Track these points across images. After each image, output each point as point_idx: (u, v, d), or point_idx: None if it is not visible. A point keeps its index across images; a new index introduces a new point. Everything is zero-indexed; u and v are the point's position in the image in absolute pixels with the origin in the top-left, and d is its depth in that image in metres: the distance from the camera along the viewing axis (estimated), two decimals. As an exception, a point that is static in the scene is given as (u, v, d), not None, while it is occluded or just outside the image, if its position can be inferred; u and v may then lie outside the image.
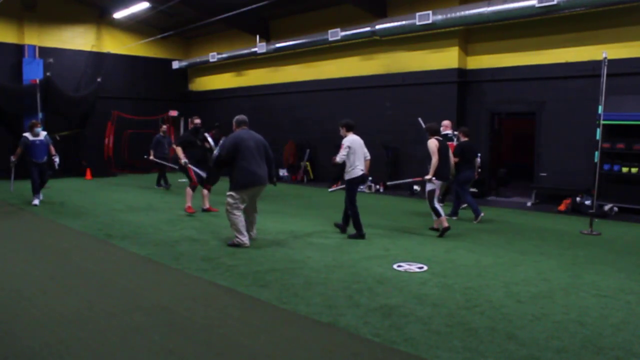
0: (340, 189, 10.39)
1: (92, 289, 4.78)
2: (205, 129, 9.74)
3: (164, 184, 12.88)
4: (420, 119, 10.07)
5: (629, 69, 9.46)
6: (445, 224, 7.21)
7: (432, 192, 7.35)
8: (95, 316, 4.06)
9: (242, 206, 6.46)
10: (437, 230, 7.41)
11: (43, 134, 9.89)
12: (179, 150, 8.90)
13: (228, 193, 6.40)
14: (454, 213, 8.78)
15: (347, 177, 7.03)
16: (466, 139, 8.85)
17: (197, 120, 9.46)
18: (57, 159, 10.09)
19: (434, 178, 7.31)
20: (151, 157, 12.83)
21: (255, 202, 6.74)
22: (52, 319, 3.98)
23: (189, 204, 8.95)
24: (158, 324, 3.92)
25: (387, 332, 3.74)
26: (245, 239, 6.42)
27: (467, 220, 8.63)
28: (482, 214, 8.45)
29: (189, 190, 9.03)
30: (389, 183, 9.83)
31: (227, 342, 3.60)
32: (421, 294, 4.64)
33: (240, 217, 6.41)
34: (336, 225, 7.56)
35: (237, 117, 6.69)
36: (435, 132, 7.60)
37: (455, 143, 8.97)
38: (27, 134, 9.77)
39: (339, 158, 6.89)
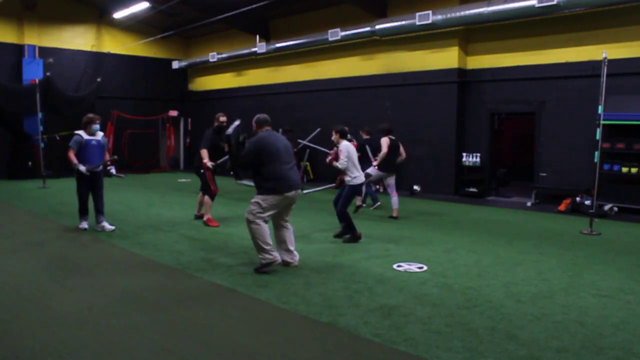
0: (317, 191, 10.46)
1: (92, 289, 4.78)
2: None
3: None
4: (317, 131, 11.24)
5: (629, 69, 9.45)
6: (358, 203, 9.08)
7: (368, 176, 8.27)
8: (95, 316, 4.06)
9: (268, 217, 5.35)
10: (395, 218, 8.70)
11: (100, 134, 7.63)
12: (205, 153, 7.89)
13: (254, 200, 5.32)
14: (374, 201, 9.77)
15: (352, 182, 6.93)
16: (368, 137, 9.97)
17: (223, 118, 8.15)
18: (113, 170, 8.04)
19: (376, 168, 8.72)
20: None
21: (287, 215, 5.60)
22: (52, 319, 3.98)
23: (209, 215, 8.01)
24: (158, 324, 3.92)
25: (387, 332, 3.74)
26: (274, 253, 5.31)
27: (467, 221, 8.62)
28: (380, 203, 9.68)
29: (207, 199, 8.03)
30: (304, 192, 10.29)
31: (227, 342, 3.60)
32: (421, 294, 4.64)
33: (264, 227, 5.29)
34: (338, 235, 7.11)
35: (259, 115, 5.66)
36: (388, 131, 8.95)
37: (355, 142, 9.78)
38: (81, 132, 7.41)
39: (341, 165, 6.83)
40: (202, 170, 8.05)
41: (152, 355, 3.37)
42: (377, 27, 12.18)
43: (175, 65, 18.59)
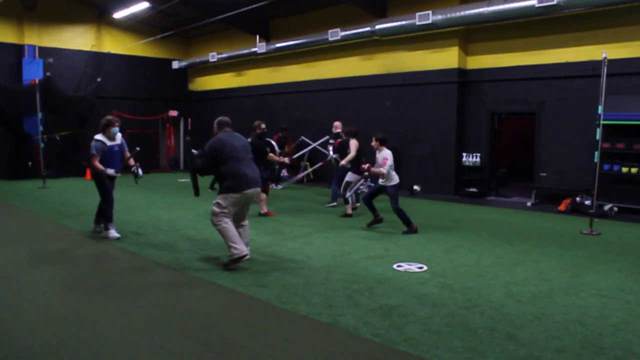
0: (296, 180, 10.45)
1: (92, 289, 4.78)
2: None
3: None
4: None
5: (629, 69, 9.45)
6: (349, 212, 8.95)
7: (348, 183, 9.13)
8: (95, 316, 4.06)
9: (230, 215, 5.54)
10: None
11: (119, 136, 7.08)
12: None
13: (215, 201, 5.54)
14: (357, 200, 9.72)
15: (392, 183, 7.56)
16: (347, 137, 9.90)
17: (263, 125, 8.81)
18: (140, 171, 7.26)
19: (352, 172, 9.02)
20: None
21: (245, 211, 5.80)
22: (52, 319, 3.98)
23: (265, 209, 8.90)
24: (158, 324, 3.92)
25: (387, 332, 3.74)
26: (241, 246, 5.44)
27: (467, 221, 8.62)
28: (335, 204, 9.88)
29: (263, 195, 8.75)
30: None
31: (227, 342, 3.60)
32: (421, 294, 4.64)
33: (230, 225, 5.48)
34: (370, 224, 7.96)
35: (220, 118, 5.86)
36: (356, 134, 9.19)
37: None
38: (101, 137, 6.82)
39: (385, 171, 7.45)
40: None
41: (152, 355, 3.37)
42: (377, 27, 12.18)
43: (175, 65, 18.59)
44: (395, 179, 7.56)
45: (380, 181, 7.57)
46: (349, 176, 9.15)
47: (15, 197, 10.96)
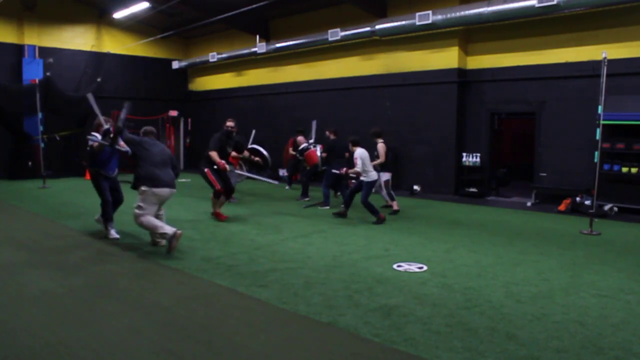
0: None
1: (92, 289, 4.78)
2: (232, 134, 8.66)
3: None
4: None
5: (629, 69, 9.45)
6: (396, 208, 9.34)
7: (387, 182, 9.61)
8: (95, 316, 4.06)
9: (150, 212, 6.22)
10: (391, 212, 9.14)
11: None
12: (215, 155, 8.15)
13: (135, 204, 6.26)
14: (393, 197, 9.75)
15: (367, 179, 8.36)
16: (334, 137, 10.34)
17: (230, 123, 8.55)
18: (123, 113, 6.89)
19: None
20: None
21: (160, 210, 6.60)
22: (52, 319, 3.98)
23: (217, 209, 8.50)
24: (158, 324, 3.92)
25: (387, 332, 3.74)
26: (167, 228, 6.06)
27: (467, 221, 8.62)
28: (328, 207, 9.80)
29: (212, 197, 8.52)
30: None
31: (227, 342, 3.60)
32: (421, 294, 4.64)
33: (149, 217, 6.17)
34: (337, 214, 8.74)
35: (145, 127, 6.85)
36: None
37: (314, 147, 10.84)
38: (96, 135, 6.91)
39: (358, 168, 8.35)
40: (205, 170, 8.39)
41: (152, 355, 3.37)
42: (377, 27, 12.18)
43: (175, 65, 18.58)
44: (371, 175, 8.36)
45: (362, 178, 8.41)
46: (385, 175, 9.59)
47: (15, 197, 10.95)
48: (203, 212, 9.17)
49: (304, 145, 11.24)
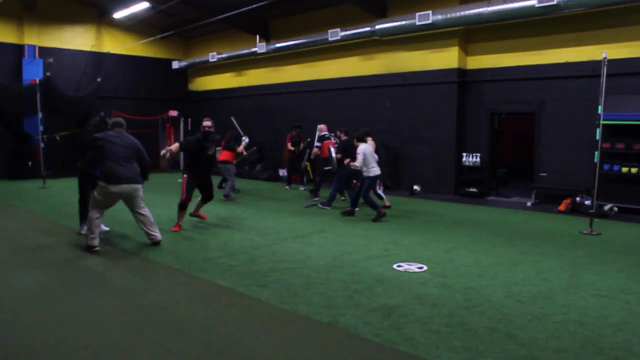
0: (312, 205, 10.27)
1: (91, 288, 4.78)
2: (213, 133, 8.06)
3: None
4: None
5: (629, 69, 9.45)
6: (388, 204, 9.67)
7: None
8: (95, 316, 4.06)
9: (102, 207, 6.23)
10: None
11: None
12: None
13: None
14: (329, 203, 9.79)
15: (369, 174, 8.52)
16: (346, 137, 9.92)
17: (206, 123, 7.79)
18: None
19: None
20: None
21: (136, 207, 6.38)
22: (52, 319, 3.98)
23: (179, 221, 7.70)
24: (158, 324, 3.92)
25: (387, 332, 3.74)
26: (96, 241, 6.12)
27: (467, 221, 8.62)
28: (329, 208, 9.62)
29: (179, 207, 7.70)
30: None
31: (227, 342, 3.60)
32: (421, 294, 4.64)
33: (95, 216, 6.15)
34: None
35: (114, 119, 6.66)
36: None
37: (335, 141, 10.62)
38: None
39: (358, 164, 8.40)
40: (183, 175, 7.97)
41: (152, 355, 3.37)
42: (377, 27, 12.18)
43: (175, 65, 18.58)
44: (372, 171, 8.52)
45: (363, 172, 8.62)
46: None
47: (15, 197, 10.95)
48: (203, 212, 9.16)
49: (324, 133, 10.96)
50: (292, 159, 13.10)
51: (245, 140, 11.15)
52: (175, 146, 7.54)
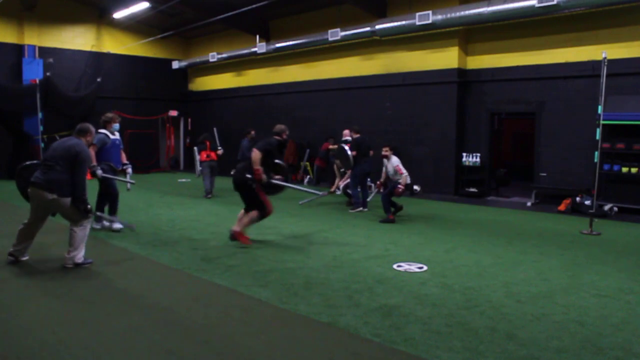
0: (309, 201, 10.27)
1: (91, 288, 4.78)
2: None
3: None
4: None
5: (629, 69, 9.46)
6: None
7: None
8: (95, 316, 4.06)
9: (30, 213, 5.53)
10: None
11: (117, 134, 7.58)
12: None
13: None
14: (364, 205, 9.70)
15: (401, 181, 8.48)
16: (358, 135, 9.90)
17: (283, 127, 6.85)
18: (130, 169, 7.78)
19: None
20: None
21: (39, 219, 5.57)
22: (52, 319, 3.98)
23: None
24: (158, 324, 3.92)
25: (387, 332, 3.74)
26: (14, 248, 5.58)
27: (467, 221, 8.62)
28: (362, 209, 9.51)
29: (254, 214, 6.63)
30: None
31: (227, 342, 3.60)
32: (421, 294, 4.64)
33: (22, 225, 5.61)
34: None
35: (79, 125, 5.94)
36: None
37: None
38: (104, 131, 7.29)
39: (407, 177, 8.59)
40: (253, 186, 6.53)
41: (152, 355, 3.36)
42: (377, 27, 12.18)
43: (175, 65, 18.59)
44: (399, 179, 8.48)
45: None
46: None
47: (15, 197, 10.93)
48: (203, 212, 9.17)
49: (347, 137, 10.59)
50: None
51: (220, 151, 11.66)
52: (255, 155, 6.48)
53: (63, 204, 5.27)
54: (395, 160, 8.53)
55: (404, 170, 8.45)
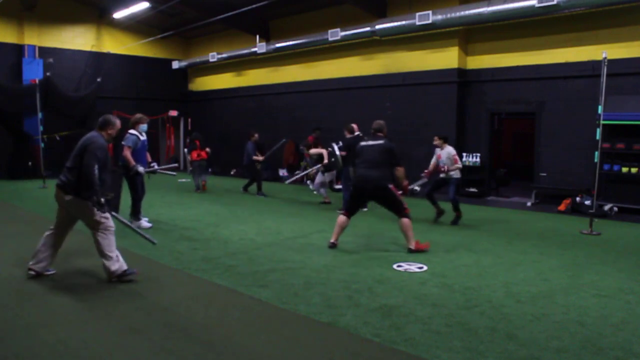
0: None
1: (91, 288, 4.78)
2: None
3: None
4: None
5: (629, 69, 9.46)
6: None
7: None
8: (95, 316, 4.06)
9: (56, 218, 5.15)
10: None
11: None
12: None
13: None
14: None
15: (456, 176, 8.45)
16: (351, 135, 9.43)
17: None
18: (156, 166, 8.13)
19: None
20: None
21: (64, 224, 5.20)
22: (52, 319, 3.98)
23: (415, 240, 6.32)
24: (158, 324, 3.92)
25: (387, 332, 3.74)
26: (32, 262, 5.03)
27: (467, 221, 8.62)
28: (364, 209, 9.08)
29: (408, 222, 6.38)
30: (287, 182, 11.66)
31: (227, 342, 3.60)
32: (421, 294, 4.64)
33: (45, 234, 5.19)
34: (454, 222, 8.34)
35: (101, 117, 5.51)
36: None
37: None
38: (134, 132, 7.40)
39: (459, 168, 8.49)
40: (389, 185, 6.49)
41: (152, 355, 3.36)
42: (377, 27, 12.19)
43: (175, 65, 18.60)
44: (455, 172, 8.41)
45: (442, 175, 8.49)
46: (329, 176, 10.37)
47: (15, 197, 10.95)
48: (204, 212, 9.17)
49: (357, 132, 9.76)
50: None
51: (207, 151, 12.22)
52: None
53: (80, 206, 4.93)
54: (451, 150, 8.46)
55: (459, 161, 8.49)
